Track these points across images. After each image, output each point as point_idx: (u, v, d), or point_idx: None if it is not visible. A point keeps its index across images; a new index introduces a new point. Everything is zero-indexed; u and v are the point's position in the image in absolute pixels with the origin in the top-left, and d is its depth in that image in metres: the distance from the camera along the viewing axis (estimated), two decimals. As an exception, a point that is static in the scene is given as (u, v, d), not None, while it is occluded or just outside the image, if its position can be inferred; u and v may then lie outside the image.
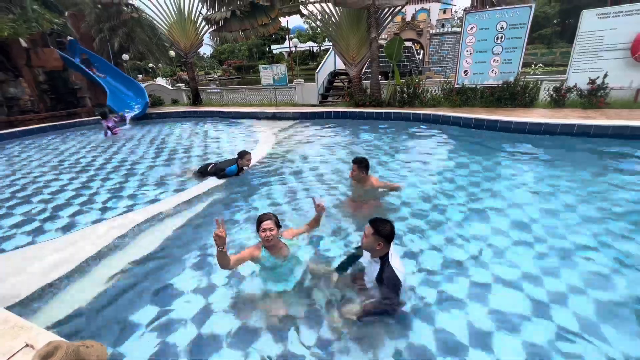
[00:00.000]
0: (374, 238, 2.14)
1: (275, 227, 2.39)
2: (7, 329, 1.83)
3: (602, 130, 5.88)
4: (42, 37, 11.80)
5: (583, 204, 3.66)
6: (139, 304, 2.52)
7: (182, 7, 12.53)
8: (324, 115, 9.76)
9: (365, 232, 2.19)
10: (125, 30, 13.56)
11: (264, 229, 2.35)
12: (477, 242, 3.09)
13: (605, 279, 2.51)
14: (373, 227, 2.16)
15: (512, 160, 5.25)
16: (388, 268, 2.13)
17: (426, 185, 4.48)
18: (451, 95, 8.98)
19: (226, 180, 4.76)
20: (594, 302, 2.30)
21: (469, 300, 2.38)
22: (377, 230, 2.13)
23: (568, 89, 7.72)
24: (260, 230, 2.38)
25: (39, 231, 3.82)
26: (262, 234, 2.36)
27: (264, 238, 2.36)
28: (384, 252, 2.18)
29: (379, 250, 2.17)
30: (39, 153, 7.74)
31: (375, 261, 2.24)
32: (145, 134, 9.50)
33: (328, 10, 10.37)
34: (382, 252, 2.19)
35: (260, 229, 2.38)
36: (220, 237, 2.06)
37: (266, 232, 2.35)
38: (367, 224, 2.20)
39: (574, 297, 2.35)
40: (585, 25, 7.37)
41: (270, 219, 2.40)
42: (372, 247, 2.17)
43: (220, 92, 14.57)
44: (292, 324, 2.26)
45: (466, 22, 8.40)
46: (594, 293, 2.38)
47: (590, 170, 4.60)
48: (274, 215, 2.46)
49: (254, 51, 48.75)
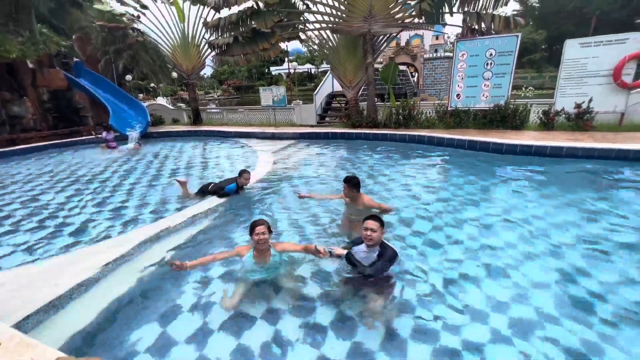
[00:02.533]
0: (382, 230, 2.56)
1: (267, 232, 2.70)
2: (13, 346, 1.87)
3: (589, 152, 6.12)
4: (48, 58, 12.18)
5: (574, 226, 3.78)
6: (142, 321, 2.55)
7: (186, 32, 13.08)
8: (322, 135, 10.02)
9: (373, 227, 2.52)
10: (130, 53, 14.00)
11: (257, 233, 2.65)
12: (471, 261, 3.17)
13: (587, 304, 2.58)
14: (377, 221, 2.55)
15: (504, 181, 5.42)
16: (389, 247, 2.59)
17: (420, 205, 4.60)
18: (445, 117, 9.30)
19: (226, 199, 4.86)
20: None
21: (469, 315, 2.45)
22: (382, 223, 2.57)
23: (556, 113, 8.05)
24: (254, 234, 2.66)
25: (41, 249, 3.84)
26: (255, 237, 2.65)
27: (257, 241, 2.64)
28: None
29: (382, 237, 2.60)
30: (37, 170, 7.81)
31: (374, 250, 2.59)
32: (147, 152, 9.65)
33: (326, 37, 10.88)
34: (382, 239, 2.61)
35: (254, 233, 2.66)
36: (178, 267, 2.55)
37: (259, 235, 2.64)
38: (370, 221, 2.54)
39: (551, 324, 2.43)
40: (569, 53, 7.81)
41: (263, 224, 2.71)
42: (381, 237, 2.57)
43: (220, 112, 14.91)
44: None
45: (457, 49, 8.85)
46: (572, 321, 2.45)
47: (580, 190, 4.77)
48: (266, 221, 2.76)
49: (253, 72, 50.08)
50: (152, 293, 2.89)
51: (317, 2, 10.21)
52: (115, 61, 13.80)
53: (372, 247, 2.58)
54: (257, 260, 2.77)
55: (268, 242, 2.74)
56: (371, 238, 2.50)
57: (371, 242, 2.52)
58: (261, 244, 2.67)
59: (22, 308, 2.51)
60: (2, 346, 1.84)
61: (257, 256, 2.77)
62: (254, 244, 2.73)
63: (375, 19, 9.18)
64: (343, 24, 9.62)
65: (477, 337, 2.26)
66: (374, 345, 2.22)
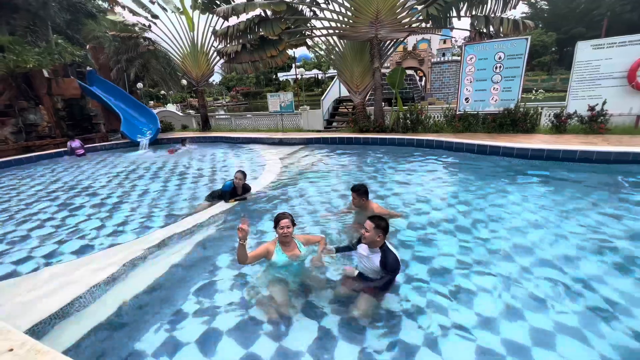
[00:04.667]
0: (375, 231, 2.56)
1: (291, 225, 2.77)
2: (24, 352, 1.88)
3: (604, 156, 5.95)
4: (63, 68, 12.55)
5: (589, 231, 3.66)
6: (150, 327, 2.55)
7: (195, 40, 13.35)
8: (329, 140, 10.01)
9: (367, 227, 2.58)
10: (142, 61, 14.37)
11: (282, 226, 2.71)
12: (480, 267, 3.10)
13: (604, 316, 2.48)
14: (373, 222, 2.58)
15: (516, 186, 5.31)
16: (390, 253, 2.57)
17: (429, 210, 4.53)
18: (453, 121, 9.21)
19: (234, 204, 4.88)
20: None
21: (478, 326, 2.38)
22: (377, 225, 2.56)
23: (568, 116, 7.89)
24: (278, 227, 2.73)
25: (51, 255, 3.91)
26: (280, 230, 2.72)
27: (281, 234, 2.70)
28: (382, 242, 2.61)
29: (379, 241, 2.59)
30: (46, 177, 7.99)
31: (375, 252, 2.63)
32: (156, 159, 9.80)
33: (333, 42, 10.94)
34: (381, 243, 2.61)
35: (278, 227, 2.73)
36: (243, 231, 2.41)
37: (284, 229, 2.70)
38: (367, 220, 2.61)
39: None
40: (581, 55, 7.66)
41: (287, 218, 2.77)
42: (374, 239, 2.58)
43: (228, 118, 15.09)
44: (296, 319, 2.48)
45: (465, 53, 8.79)
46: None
47: (595, 196, 4.63)
48: (290, 215, 2.83)
49: (261, 78, 50.76)
50: (161, 299, 2.90)
51: (324, 9, 10.30)
52: (127, 69, 14.17)
53: (371, 247, 2.64)
54: (288, 254, 2.81)
55: (291, 236, 2.82)
56: (364, 236, 2.61)
57: (365, 240, 2.63)
58: (286, 236, 2.74)
59: (34, 313, 2.54)
60: (13, 352, 1.86)
61: (286, 250, 2.82)
62: (279, 238, 2.78)
63: (382, 24, 9.20)
64: (350, 29, 9.67)
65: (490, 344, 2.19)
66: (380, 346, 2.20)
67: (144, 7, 13.19)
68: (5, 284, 3.03)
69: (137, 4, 13.10)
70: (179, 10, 12.96)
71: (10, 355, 1.85)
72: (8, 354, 1.86)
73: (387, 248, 2.61)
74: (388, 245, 2.63)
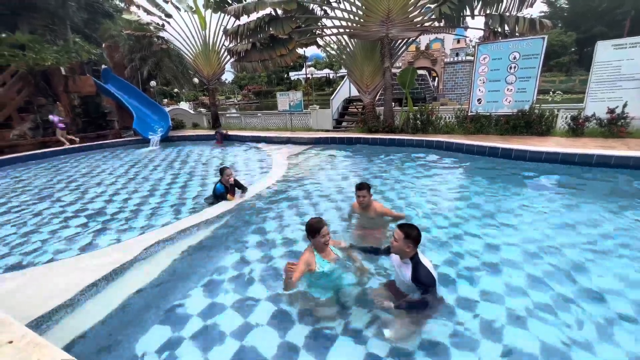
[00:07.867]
0: (404, 242, 2.30)
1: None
2: (23, 345, 1.91)
3: (623, 160, 5.70)
4: (80, 66, 12.91)
5: (604, 238, 3.51)
6: (150, 324, 2.56)
7: (207, 39, 13.49)
8: (338, 140, 9.95)
9: (395, 236, 2.35)
10: (155, 60, 14.62)
11: (323, 234, 2.58)
12: (490, 271, 3.00)
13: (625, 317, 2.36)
14: (403, 231, 2.32)
15: (528, 190, 5.14)
16: (422, 267, 2.30)
17: (438, 212, 4.43)
18: (465, 122, 9.01)
19: (239, 203, 4.88)
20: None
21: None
22: (407, 234, 2.30)
23: (586, 118, 7.60)
24: (319, 236, 2.58)
25: (55, 251, 3.98)
26: (322, 239, 2.59)
27: (323, 243, 2.60)
28: (412, 253, 2.34)
29: (409, 252, 2.33)
30: (59, 173, 8.21)
31: (406, 262, 2.39)
32: (165, 156, 9.95)
33: (343, 42, 10.86)
34: (411, 254, 2.35)
35: (319, 235, 2.58)
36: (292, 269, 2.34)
37: (326, 237, 2.60)
38: (396, 229, 2.37)
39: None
40: (601, 56, 7.37)
41: (326, 225, 2.64)
42: (403, 249, 2.33)
43: (238, 117, 15.20)
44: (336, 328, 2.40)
45: (478, 53, 8.57)
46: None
47: (610, 202, 4.43)
48: (322, 219, 2.70)
49: (272, 77, 50.93)
50: (162, 297, 2.92)
51: (335, 8, 10.23)
52: (140, 68, 14.43)
53: (402, 257, 2.41)
54: (329, 259, 2.69)
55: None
56: (392, 245, 2.43)
57: (393, 250, 2.45)
58: (327, 244, 2.65)
59: (36, 307, 2.58)
60: (13, 344, 1.89)
61: (325, 256, 2.68)
62: (318, 246, 2.64)
63: (393, 23, 9.07)
64: (360, 28, 9.57)
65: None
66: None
67: (158, 6, 13.41)
68: (10, 275, 3.11)
69: (151, 3, 13.32)
70: (192, 9, 13.12)
71: (9, 347, 1.88)
72: (8, 346, 1.89)
73: (419, 260, 2.34)
74: (420, 257, 2.36)
